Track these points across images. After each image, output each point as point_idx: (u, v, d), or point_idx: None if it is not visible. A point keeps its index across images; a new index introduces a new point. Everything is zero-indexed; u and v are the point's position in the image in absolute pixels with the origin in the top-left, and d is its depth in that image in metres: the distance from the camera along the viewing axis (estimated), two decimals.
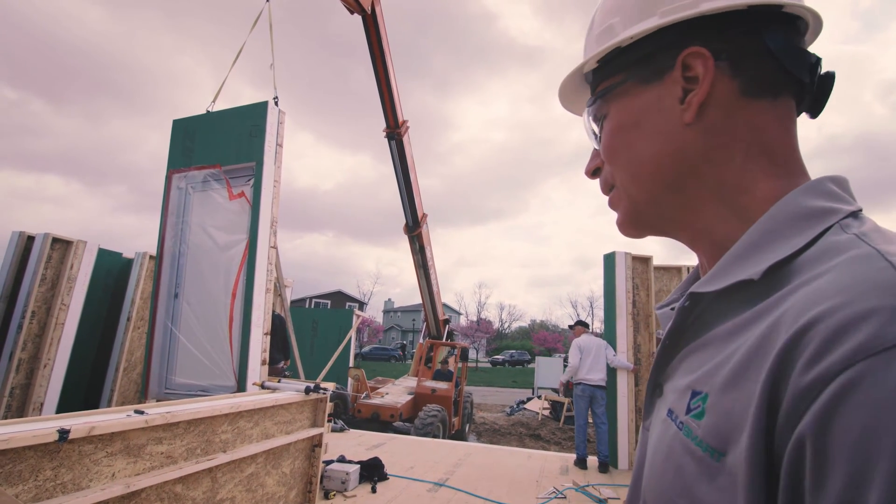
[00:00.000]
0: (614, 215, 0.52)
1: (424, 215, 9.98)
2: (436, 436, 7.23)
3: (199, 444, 2.22)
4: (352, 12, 6.83)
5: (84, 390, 5.96)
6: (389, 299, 57.69)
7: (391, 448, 5.51)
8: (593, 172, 0.53)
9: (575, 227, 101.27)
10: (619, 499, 4.14)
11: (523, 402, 14.59)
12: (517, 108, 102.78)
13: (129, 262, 6.39)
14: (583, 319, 6.09)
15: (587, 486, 4.40)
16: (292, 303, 9.46)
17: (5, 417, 4.91)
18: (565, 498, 4.07)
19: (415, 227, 9.81)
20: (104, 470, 1.77)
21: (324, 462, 3.62)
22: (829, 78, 0.43)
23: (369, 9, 6.86)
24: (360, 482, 4.04)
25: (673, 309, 0.46)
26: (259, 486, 2.67)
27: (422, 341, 11.17)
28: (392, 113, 8.27)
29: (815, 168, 0.44)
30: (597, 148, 0.52)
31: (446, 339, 11.21)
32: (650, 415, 0.46)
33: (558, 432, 10.95)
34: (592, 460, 5.26)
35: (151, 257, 6.21)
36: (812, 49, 0.44)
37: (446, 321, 11.55)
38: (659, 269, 5.85)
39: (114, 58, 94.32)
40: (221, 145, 4.01)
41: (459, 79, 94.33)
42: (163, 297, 3.98)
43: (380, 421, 7.74)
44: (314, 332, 10.96)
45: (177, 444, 2.10)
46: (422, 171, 10.10)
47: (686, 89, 0.43)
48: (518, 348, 43.73)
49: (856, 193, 0.40)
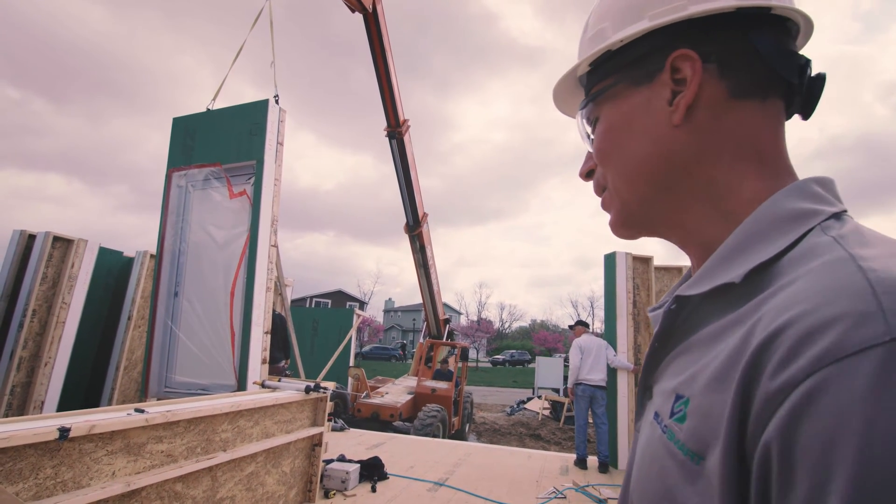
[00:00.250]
0: None
1: (425, 214, 9.98)
2: (436, 435, 7.23)
3: (199, 443, 2.22)
4: (353, 11, 6.82)
5: (85, 389, 5.96)
6: (390, 299, 57.74)
7: (391, 447, 5.51)
8: (587, 174, 0.54)
9: (575, 228, 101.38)
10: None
11: (523, 402, 14.59)
12: (518, 108, 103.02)
13: (130, 260, 6.39)
14: (583, 319, 6.08)
15: (587, 486, 4.40)
16: (293, 302, 9.46)
17: (6, 416, 4.91)
18: (565, 498, 4.07)
19: (415, 227, 9.80)
20: (104, 468, 1.77)
21: (324, 461, 3.62)
22: (820, 79, 0.44)
23: (370, 7, 6.85)
24: (360, 481, 4.04)
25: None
26: (259, 484, 2.67)
27: (422, 341, 11.17)
28: (393, 112, 8.27)
29: (817, 169, 0.43)
30: (590, 150, 0.53)
31: (446, 339, 11.20)
32: (640, 417, 0.46)
33: (558, 432, 10.95)
34: (592, 460, 5.26)
35: (152, 256, 6.21)
36: (811, 50, 0.44)
37: (447, 321, 11.54)
38: (660, 269, 5.84)
39: (115, 57, 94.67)
40: (222, 144, 4.00)
41: (460, 79, 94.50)
42: (163, 296, 3.97)
43: (379, 420, 7.74)
44: (314, 331, 10.96)
45: (177, 443, 2.10)
46: (422, 171, 10.06)
47: (675, 91, 0.43)
48: (518, 348, 43.74)
49: (857, 194, 0.41)
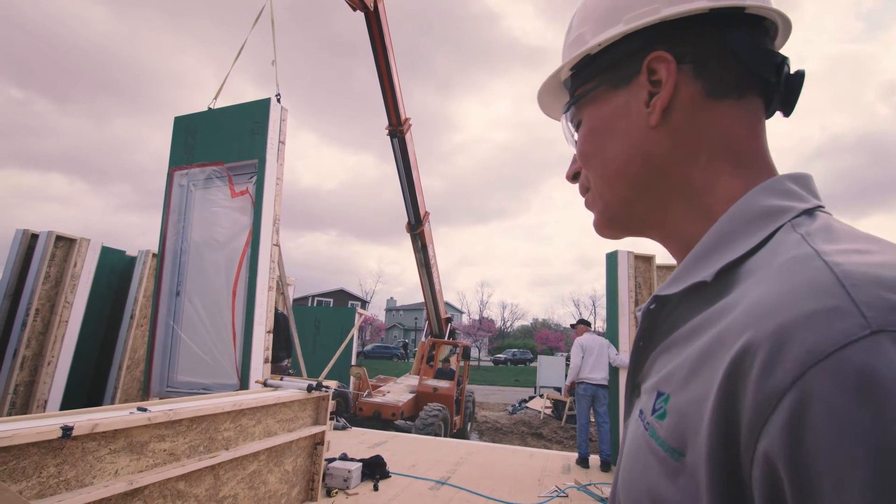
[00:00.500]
0: None
1: (426, 214, 9.97)
2: (437, 434, 7.23)
3: (201, 442, 2.23)
4: (354, 9, 6.81)
5: (87, 388, 5.97)
6: (392, 298, 57.75)
7: (393, 446, 5.52)
8: (574, 176, 0.55)
9: (577, 227, 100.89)
10: None
11: (525, 401, 14.59)
12: (519, 107, 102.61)
13: (133, 260, 6.40)
14: (585, 318, 6.07)
15: (589, 484, 4.40)
16: (295, 301, 9.47)
17: (9, 414, 4.93)
18: (567, 497, 4.07)
19: (417, 226, 9.79)
20: (107, 467, 1.78)
21: (326, 460, 3.62)
22: (798, 77, 0.44)
23: (371, 5, 6.84)
24: (362, 480, 4.05)
25: None
26: (261, 483, 2.67)
27: (424, 340, 11.17)
28: (394, 110, 8.26)
29: (818, 168, 0.43)
30: (575, 152, 0.54)
31: (448, 338, 11.20)
32: (629, 415, 0.46)
33: (560, 431, 10.94)
34: (594, 459, 5.26)
35: (154, 255, 6.21)
36: (813, 49, 0.44)
37: (448, 320, 11.53)
38: (662, 268, 5.83)
39: (117, 57, 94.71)
40: (224, 142, 3.99)
41: (461, 79, 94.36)
42: (164, 295, 3.98)
43: (381, 419, 7.73)
44: (316, 330, 10.96)
45: (179, 442, 2.10)
46: (424, 170, 10.06)
47: (652, 93, 0.44)
48: (520, 347, 43.73)
49: (858, 194, 0.40)
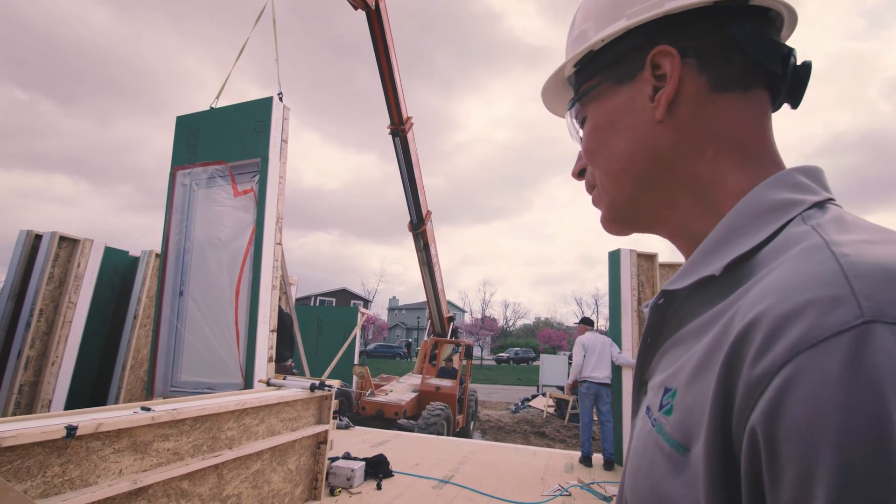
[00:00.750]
0: None
1: (429, 213, 9.96)
2: (440, 433, 7.23)
3: (205, 441, 2.23)
4: (356, 8, 6.80)
5: (91, 388, 6.00)
6: (394, 297, 57.85)
7: (396, 445, 5.52)
8: (579, 173, 0.55)
9: (579, 225, 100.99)
10: None
11: (528, 400, 14.58)
12: (521, 107, 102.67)
13: (136, 260, 6.42)
14: (588, 317, 6.06)
15: (592, 483, 4.39)
16: (297, 301, 9.48)
17: (14, 414, 4.95)
18: (570, 495, 4.07)
19: (419, 225, 9.79)
20: (111, 466, 1.78)
21: (329, 459, 3.63)
22: (805, 68, 0.43)
23: (373, 4, 6.84)
24: (365, 479, 4.05)
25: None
26: (265, 482, 2.68)
27: (426, 339, 11.17)
28: (396, 109, 8.25)
29: (821, 165, 0.43)
30: (581, 149, 0.53)
31: (451, 337, 11.20)
32: (636, 413, 0.46)
33: (563, 430, 10.94)
34: (598, 458, 5.25)
35: (157, 255, 6.24)
36: (815, 46, 0.44)
37: (451, 319, 11.53)
38: (664, 266, 5.81)
39: (120, 59, 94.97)
40: (226, 141, 4.00)
41: (463, 79, 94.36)
42: (168, 295, 3.98)
43: (384, 418, 7.74)
44: (319, 329, 10.98)
45: (183, 441, 2.11)
46: (426, 170, 10.07)
47: (656, 87, 0.44)
48: (522, 346, 43.71)
49: (861, 191, 0.40)
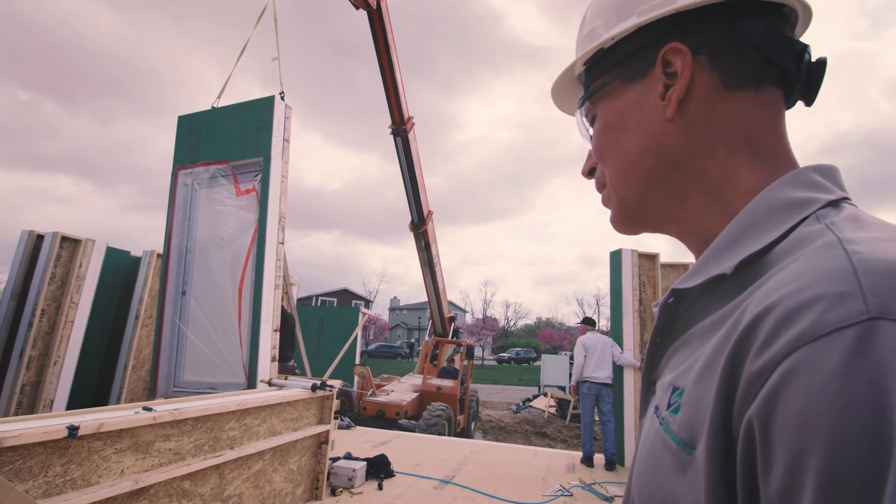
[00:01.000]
0: None
1: (430, 212, 9.96)
2: (441, 433, 7.22)
3: (206, 441, 2.23)
4: (357, 7, 6.81)
5: (93, 388, 6.00)
6: (395, 297, 57.91)
7: (397, 445, 5.52)
8: (589, 172, 0.54)
9: (581, 225, 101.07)
10: None
11: (529, 400, 14.58)
12: (523, 107, 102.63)
13: (137, 260, 6.42)
14: (589, 317, 6.05)
15: (594, 483, 4.38)
16: (299, 301, 9.48)
17: (16, 414, 4.96)
18: (572, 496, 4.06)
19: (420, 225, 9.79)
20: (113, 466, 1.78)
21: (330, 459, 3.63)
22: (821, 64, 0.43)
23: (374, 4, 6.84)
24: (366, 479, 4.05)
25: None
26: (266, 482, 2.68)
27: (427, 339, 11.18)
28: (398, 109, 8.25)
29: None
30: (591, 148, 0.53)
31: (452, 337, 11.20)
32: (645, 413, 0.46)
33: (564, 430, 10.93)
34: (599, 458, 5.24)
35: (159, 255, 6.24)
36: (818, 46, 0.43)
37: (452, 319, 11.53)
38: (666, 266, 5.80)
39: (123, 60, 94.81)
40: (228, 141, 3.99)
41: (465, 78, 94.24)
42: (170, 295, 3.98)
43: (385, 419, 7.74)
44: (320, 329, 10.98)
45: (185, 441, 2.11)
46: (428, 170, 10.06)
47: (667, 85, 0.43)
48: (524, 346, 43.69)
49: (862, 190, 0.39)
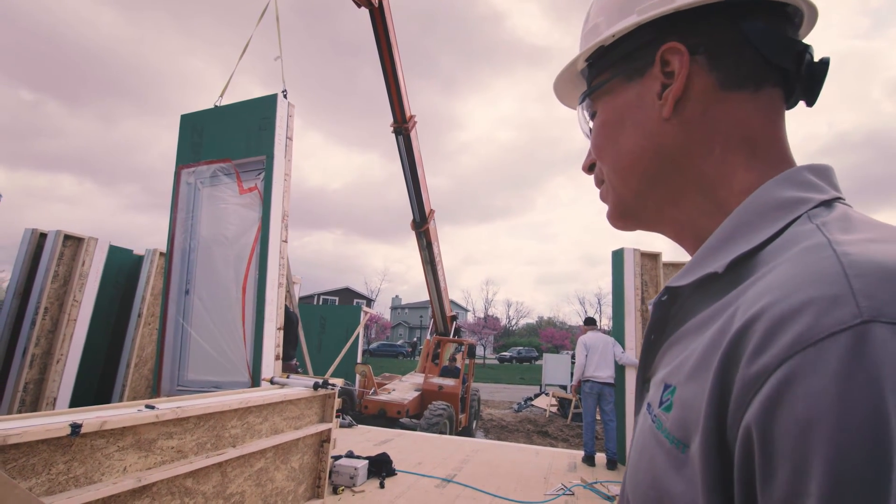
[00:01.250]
0: None
1: (432, 211, 9.95)
2: (443, 432, 7.23)
3: (209, 439, 2.23)
4: (359, 6, 6.81)
5: (96, 385, 6.03)
6: (397, 296, 57.88)
7: (399, 444, 5.52)
8: (589, 168, 0.54)
9: (582, 225, 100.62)
10: None
11: (531, 399, 14.59)
12: (524, 106, 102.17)
13: (140, 258, 6.44)
14: (591, 317, 6.06)
15: (595, 482, 4.38)
16: (300, 299, 9.49)
17: (19, 412, 4.98)
18: (573, 495, 4.06)
19: (422, 223, 9.78)
20: (116, 464, 1.79)
21: (332, 457, 3.63)
22: (823, 65, 0.43)
23: (376, 2, 6.84)
24: (368, 477, 4.06)
25: None
26: (268, 480, 2.68)
27: (429, 338, 11.18)
28: (399, 108, 8.25)
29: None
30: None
31: (453, 336, 11.20)
32: (639, 411, 0.46)
33: (566, 429, 10.92)
34: (601, 457, 5.24)
35: (161, 254, 6.26)
36: (820, 45, 0.43)
37: (453, 318, 11.53)
38: (668, 265, 5.79)
39: (125, 60, 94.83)
40: (231, 139, 3.99)
41: (466, 78, 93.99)
42: (174, 294, 3.99)
43: (386, 417, 7.75)
44: (322, 328, 11.00)
45: (187, 439, 2.11)
46: (429, 169, 10.02)
47: (665, 84, 0.44)
48: (525, 345, 43.67)
49: (864, 190, 0.39)
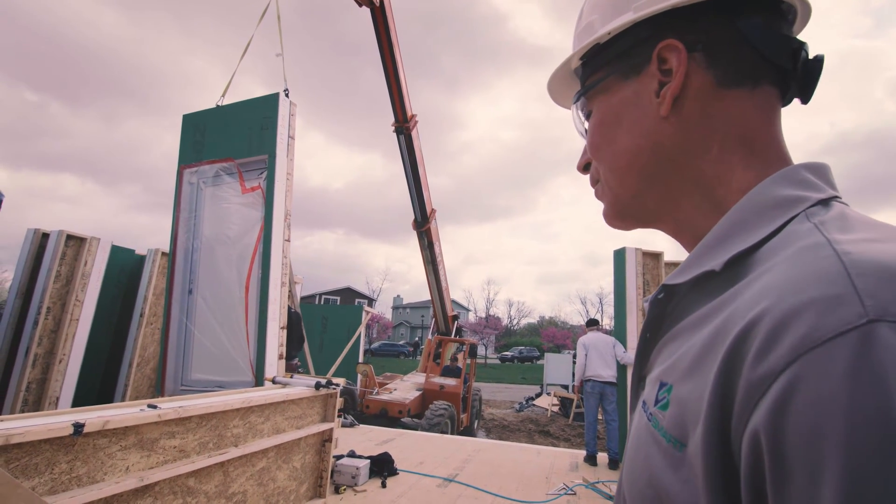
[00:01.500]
0: None
1: (433, 211, 9.94)
2: (444, 432, 7.23)
3: (211, 439, 2.24)
4: (360, 5, 6.81)
5: (98, 385, 6.04)
6: (398, 296, 57.87)
7: (401, 444, 5.53)
8: (584, 167, 0.54)
9: (584, 224, 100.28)
10: None
11: (532, 399, 14.58)
12: (526, 106, 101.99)
13: (142, 258, 6.45)
14: (594, 318, 6.07)
15: (597, 482, 4.38)
16: (302, 299, 9.49)
17: (22, 411, 4.99)
18: (575, 494, 4.05)
19: (423, 223, 9.77)
20: (118, 463, 1.79)
21: (334, 457, 3.64)
22: (818, 62, 0.42)
23: (378, 1, 6.84)
24: (370, 477, 4.06)
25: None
26: (270, 480, 2.69)
27: (430, 337, 11.18)
28: (401, 107, 8.24)
29: (826, 163, 0.43)
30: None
31: (455, 336, 11.20)
32: (635, 408, 0.46)
33: (568, 429, 10.92)
34: (602, 457, 5.24)
35: (164, 254, 6.26)
36: (821, 45, 0.43)
37: (455, 317, 11.53)
38: (670, 264, 5.78)
39: (127, 60, 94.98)
40: (233, 139, 3.99)
41: (468, 78, 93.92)
42: (177, 293, 3.99)
43: (388, 417, 7.75)
44: (324, 328, 11.01)
45: (189, 439, 2.11)
46: (431, 169, 10.01)
47: (662, 82, 0.43)
48: (527, 345, 43.64)
49: (866, 190, 0.39)
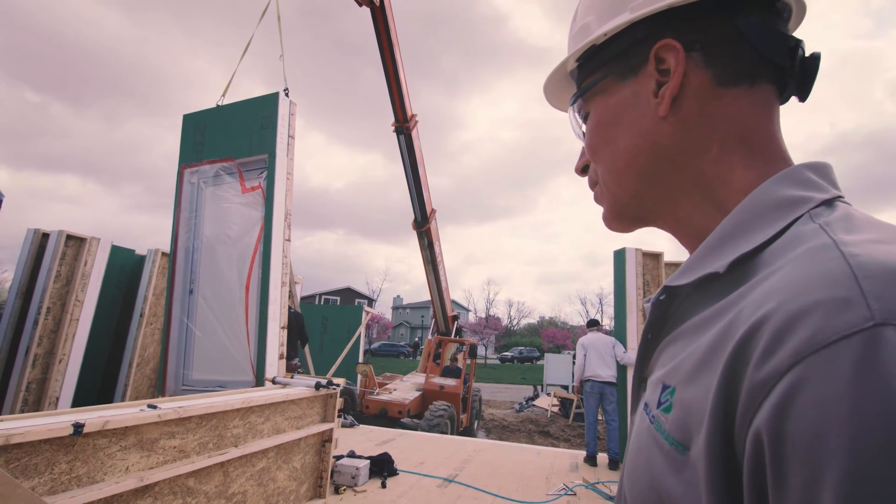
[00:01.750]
0: None
1: (433, 211, 9.94)
2: (444, 432, 7.23)
3: (211, 439, 2.24)
4: (360, 5, 6.81)
5: (98, 385, 6.04)
6: (398, 296, 57.86)
7: (401, 444, 5.52)
8: (582, 169, 0.54)
9: (584, 225, 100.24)
10: None
11: (532, 399, 14.58)
12: (526, 106, 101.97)
13: (142, 258, 6.45)
14: (594, 319, 6.08)
15: (597, 483, 4.37)
16: (302, 299, 9.49)
17: (22, 411, 4.99)
18: (575, 495, 4.05)
19: (423, 223, 9.77)
20: (118, 463, 1.79)
21: (334, 457, 3.63)
22: (814, 60, 0.42)
23: (378, 0, 6.84)
24: (370, 477, 4.06)
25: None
26: (270, 480, 2.69)
27: (430, 338, 11.18)
28: (401, 107, 8.24)
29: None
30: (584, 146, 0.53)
31: (455, 336, 11.20)
32: (635, 410, 0.46)
33: (568, 429, 10.92)
34: (602, 457, 5.24)
35: (164, 254, 6.26)
36: (821, 45, 0.43)
37: (455, 317, 11.52)
38: (670, 265, 5.78)
39: (128, 61, 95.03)
40: (233, 138, 3.99)
41: (468, 78, 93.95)
42: (178, 293, 3.99)
43: (387, 417, 7.75)
44: (324, 328, 11.00)
45: (189, 439, 2.11)
46: (431, 169, 10.00)
47: (660, 82, 0.43)
48: (527, 345, 43.63)
49: (866, 190, 0.39)
